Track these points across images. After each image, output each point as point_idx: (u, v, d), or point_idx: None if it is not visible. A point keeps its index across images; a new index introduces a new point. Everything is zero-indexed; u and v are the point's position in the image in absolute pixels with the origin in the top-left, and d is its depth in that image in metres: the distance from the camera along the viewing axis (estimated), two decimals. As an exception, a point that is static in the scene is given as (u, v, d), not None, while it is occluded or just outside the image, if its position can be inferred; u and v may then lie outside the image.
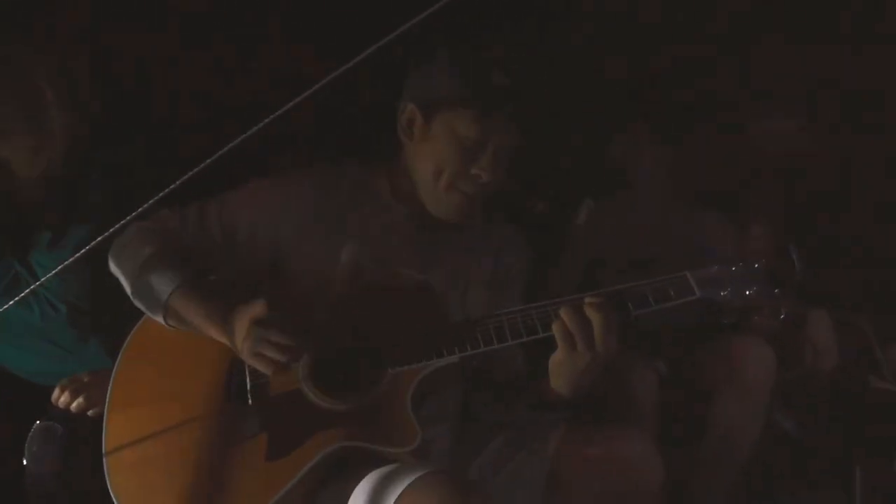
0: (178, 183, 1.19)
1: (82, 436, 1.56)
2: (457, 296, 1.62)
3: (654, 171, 2.34)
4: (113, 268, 1.59)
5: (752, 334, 2.00)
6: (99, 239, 1.24)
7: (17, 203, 1.75)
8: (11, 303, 1.35)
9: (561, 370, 1.43)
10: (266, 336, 1.39)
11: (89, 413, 1.62)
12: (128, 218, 1.35)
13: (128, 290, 1.55)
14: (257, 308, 1.40)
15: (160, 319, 1.50)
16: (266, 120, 1.14)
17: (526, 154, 1.62)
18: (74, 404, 1.63)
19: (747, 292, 1.44)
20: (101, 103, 1.90)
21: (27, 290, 1.41)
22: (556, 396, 1.47)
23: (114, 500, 1.40)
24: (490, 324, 1.44)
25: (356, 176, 1.66)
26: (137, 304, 1.54)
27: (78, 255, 1.26)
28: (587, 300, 1.39)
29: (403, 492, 1.26)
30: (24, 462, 1.52)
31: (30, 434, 1.55)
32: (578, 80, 2.54)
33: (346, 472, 1.41)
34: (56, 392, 1.65)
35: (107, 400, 1.49)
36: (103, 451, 1.45)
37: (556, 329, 1.39)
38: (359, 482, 1.36)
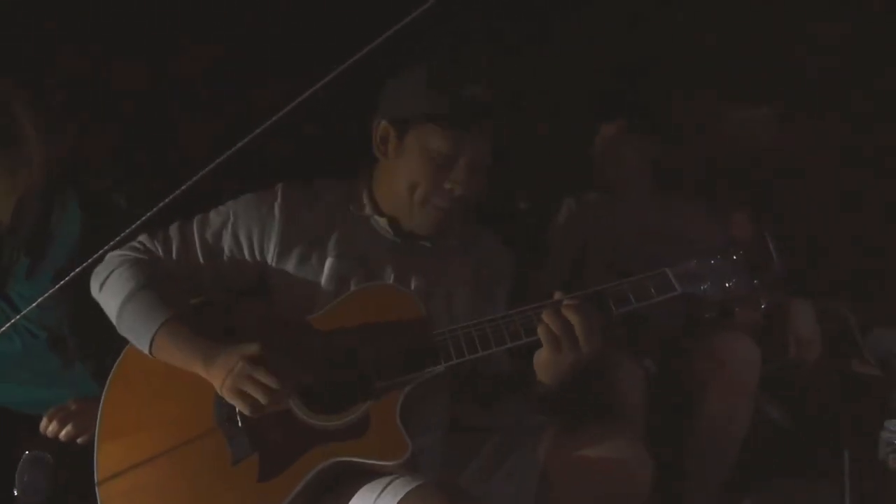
0: (155, 210, 1.20)
1: (72, 465, 1.56)
2: (441, 303, 1.64)
3: (633, 166, 2.36)
4: (95, 295, 1.58)
5: (735, 329, 2.02)
6: (79, 269, 1.24)
7: None
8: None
9: (546, 368, 1.46)
10: (252, 373, 1.39)
11: (78, 441, 1.62)
12: (108, 245, 1.36)
13: (112, 320, 1.54)
14: (250, 349, 1.41)
15: (145, 351, 1.50)
16: (242, 142, 1.14)
17: (499, 165, 1.64)
18: (63, 433, 1.63)
19: (727, 284, 1.47)
20: (77, 130, 1.90)
21: (9, 323, 1.41)
22: (543, 388, 1.50)
23: None
24: (474, 332, 1.46)
25: (332, 194, 1.68)
26: (123, 333, 1.53)
27: (60, 284, 1.26)
28: (565, 302, 1.42)
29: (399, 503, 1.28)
30: (15, 493, 1.52)
31: (19, 464, 1.54)
32: (554, 78, 2.56)
33: (337, 487, 1.41)
34: (44, 422, 1.65)
35: (96, 428, 1.49)
36: (95, 480, 1.45)
37: (541, 332, 1.41)
38: (351, 497, 1.37)
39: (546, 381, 1.48)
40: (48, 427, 1.63)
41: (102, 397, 1.53)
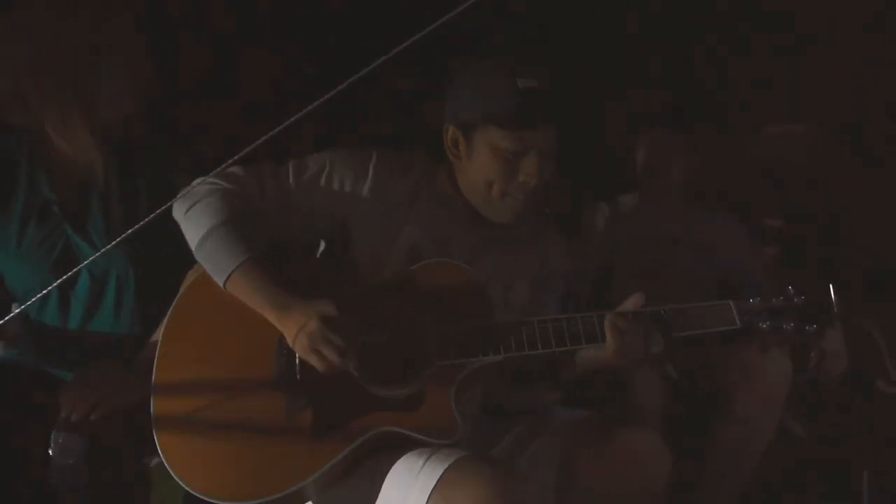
0: (247, 150, 1.20)
1: (107, 429, 1.58)
2: (501, 290, 1.67)
3: (670, 174, 2.35)
4: (179, 219, 1.59)
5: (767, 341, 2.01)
6: (154, 214, 1.25)
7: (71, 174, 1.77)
8: (76, 270, 1.40)
9: (606, 364, 1.52)
10: (328, 335, 1.43)
11: (97, 412, 1.59)
12: (200, 180, 1.44)
13: (191, 246, 1.55)
14: (327, 307, 1.44)
15: (219, 283, 1.52)
16: (329, 94, 1.16)
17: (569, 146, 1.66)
18: (79, 408, 1.58)
19: (784, 326, 1.52)
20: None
21: (93, 257, 1.45)
22: (570, 374, 1.57)
23: (163, 461, 1.44)
24: (537, 327, 1.50)
25: (423, 167, 1.71)
26: (199, 261, 1.55)
27: (145, 221, 1.26)
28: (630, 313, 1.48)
29: (447, 470, 1.32)
30: (50, 453, 1.52)
31: (56, 425, 1.54)
32: (600, 79, 2.57)
33: (380, 453, 1.45)
34: (62, 394, 1.61)
35: (156, 357, 1.51)
36: (151, 412, 1.48)
37: (608, 329, 1.47)
38: (390, 464, 1.41)
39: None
40: (66, 398, 1.60)
41: (161, 335, 1.55)
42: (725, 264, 2.25)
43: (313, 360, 1.45)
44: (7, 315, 1.30)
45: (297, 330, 1.45)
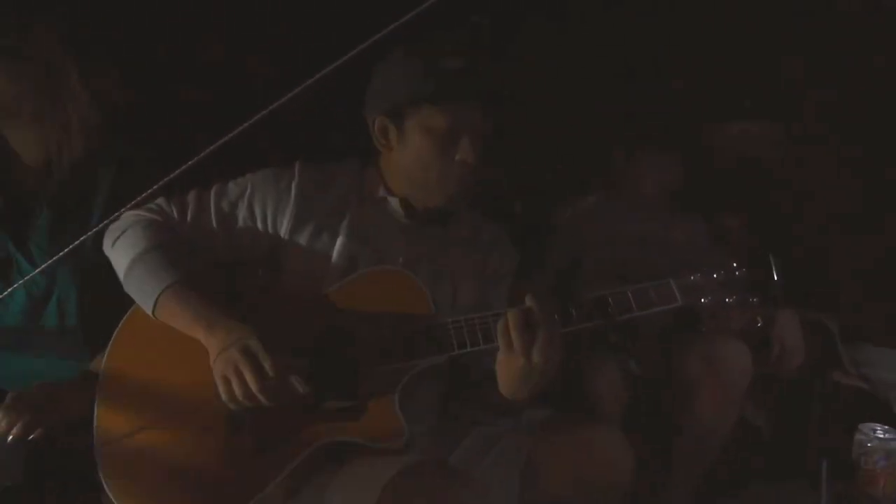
0: (173, 175, 1.21)
1: (50, 444, 1.54)
2: (446, 290, 1.66)
3: (638, 173, 2.37)
4: (107, 251, 1.60)
5: (727, 332, 2.05)
6: (95, 229, 1.25)
7: (20, 185, 1.75)
8: (15, 286, 1.41)
9: (500, 370, 1.45)
10: (247, 373, 1.40)
11: (32, 435, 1.52)
12: (126, 208, 1.38)
13: (120, 277, 1.56)
14: (251, 340, 1.41)
15: (149, 312, 1.52)
16: (258, 115, 1.16)
17: (502, 135, 1.65)
18: (16, 429, 1.51)
19: (727, 300, 1.50)
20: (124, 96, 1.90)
21: (29, 277, 1.45)
22: (501, 398, 1.50)
23: (104, 484, 1.43)
24: (478, 324, 1.48)
25: (347, 177, 1.70)
26: (129, 291, 1.55)
27: (80, 240, 1.27)
28: (533, 309, 1.39)
29: (392, 479, 1.31)
30: None
31: None
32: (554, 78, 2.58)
33: (328, 465, 1.45)
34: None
35: (98, 387, 1.50)
36: (94, 441, 1.47)
37: (499, 330, 1.40)
38: (343, 472, 1.41)
39: (501, 387, 1.47)
40: (2, 422, 1.51)
41: (105, 357, 1.54)
42: (689, 262, 2.27)
43: (221, 387, 1.42)
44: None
45: (214, 351, 1.44)
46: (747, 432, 2.28)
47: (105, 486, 1.43)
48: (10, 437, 1.50)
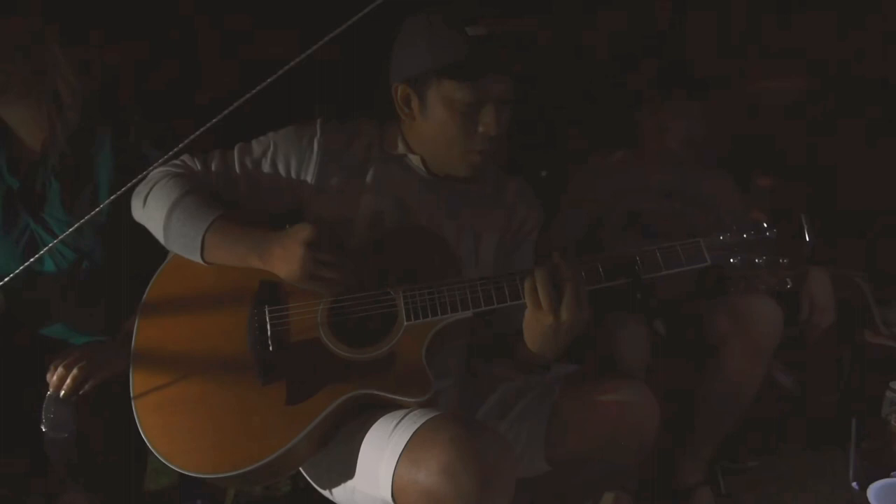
0: (198, 132, 1.21)
1: (97, 401, 1.59)
2: (471, 246, 1.66)
3: (673, 136, 2.32)
4: (138, 215, 1.61)
5: (757, 290, 2.01)
6: (118, 193, 1.26)
7: (24, 163, 1.76)
8: (33, 259, 1.41)
9: (527, 329, 1.47)
10: (321, 257, 1.44)
11: (86, 387, 1.60)
12: (141, 175, 1.40)
13: (159, 234, 1.57)
14: (306, 231, 1.44)
15: (197, 257, 1.53)
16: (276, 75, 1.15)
17: (526, 100, 1.62)
18: (68, 381, 1.59)
19: (756, 260, 1.47)
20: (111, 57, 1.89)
21: (48, 247, 1.47)
22: (530, 356, 1.51)
23: (145, 440, 1.45)
24: (504, 282, 1.48)
25: (371, 134, 1.69)
26: (171, 246, 1.56)
27: (98, 209, 1.29)
28: (560, 267, 1.40)
29: (417, 430, 1.33)
30: (43, 429, 1.54)
31: (45, 401, 1.56)
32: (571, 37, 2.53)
33: (361, 415, 1.46)
34: (50, 372, 1.62)
35: (132, 344, 1.53)
36: (131, 394, 1.49)
37: (527, 289, 1.41)
38: (371, 424, 1.42)
39: (529, 345, 1.48)
40: (53, 376, 1.61)
41: (137, 315, 1.57)
42: (718, 218, 2.24)
43: (316, 286, 1.46)
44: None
45: (285, 265, 1.46)
46: (775, 393, 2.26)
47: (140, 430, 1.46)
48: (62, 391, 1.57)
